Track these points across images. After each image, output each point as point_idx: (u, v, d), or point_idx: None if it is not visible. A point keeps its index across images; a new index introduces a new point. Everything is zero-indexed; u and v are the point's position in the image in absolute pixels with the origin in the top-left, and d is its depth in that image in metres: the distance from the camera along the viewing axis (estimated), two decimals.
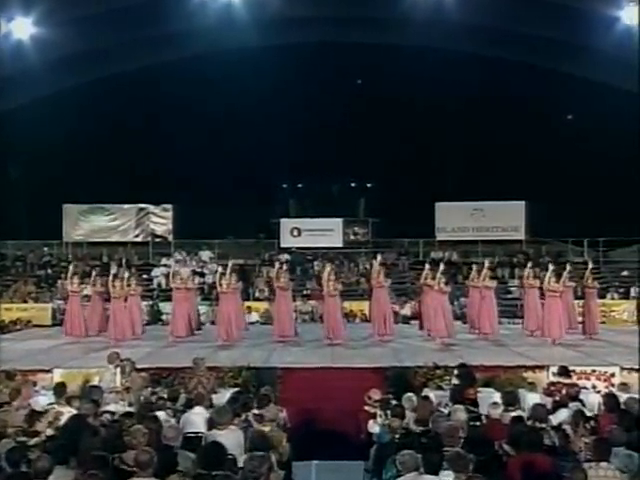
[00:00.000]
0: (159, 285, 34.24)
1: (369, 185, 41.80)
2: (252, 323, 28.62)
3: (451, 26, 32.77)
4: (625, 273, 34.66)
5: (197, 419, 11.34)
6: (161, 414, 11.31)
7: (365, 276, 34.53)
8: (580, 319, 21.95)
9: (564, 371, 13.83)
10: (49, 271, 35.51)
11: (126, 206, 37.18)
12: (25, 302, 32.09)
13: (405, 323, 26.56)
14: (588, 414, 11.29)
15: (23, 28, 30.65)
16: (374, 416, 11.34)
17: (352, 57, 37.78)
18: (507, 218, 36.20)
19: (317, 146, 36.64)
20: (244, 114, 36.02)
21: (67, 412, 11.64)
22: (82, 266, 35.30)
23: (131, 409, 13.39)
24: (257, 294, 32.83)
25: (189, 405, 12.88)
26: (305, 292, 33.13)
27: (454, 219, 36.29)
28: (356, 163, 37.63)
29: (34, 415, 10.37)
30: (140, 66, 36.68)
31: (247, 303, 31.11)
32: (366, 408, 11.91)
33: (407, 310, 30.55)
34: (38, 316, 30.86)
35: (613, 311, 30.79)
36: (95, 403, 11.51)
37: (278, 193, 41.16)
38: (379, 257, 23.49)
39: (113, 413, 13.11)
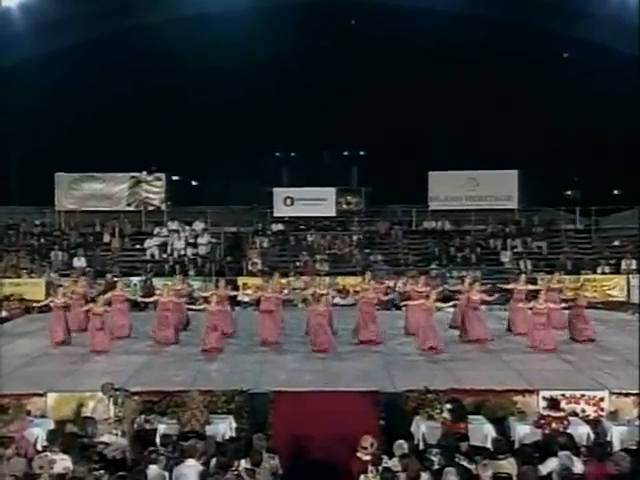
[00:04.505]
0: (152, 256, 34.19)
1: (362, 154, 41.64)
2: (245, 304, 28.60)
3: None
4: (616, 243, 34.68)
5: (190, 472, 11.46)
6: (153, 468, 11.42)
7: (358, 246, 34.72)
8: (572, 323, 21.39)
9: (554, 404, 13.94)
10: (42, 240, 35.38)
11: (119, 175, 36.93)
12: (19, 277, 31.96)
13: (397, 308, 26.39)
14: (575, 466, 11.44)
15: None
16: (365, 468, 11.42)
17: (343, 20, 37.54)
18: (500, 187, 36.06)
19: (310, 114, 36.36)
20: (237, 82, 35.66)
21: (60, 459, 11.80)
22: (75, 235, 35.41)
23: (124, 440, 13.65)
24: (250, 267, 32.72)
25: (183, 438, 13.12)
26: (298, 264, 33.15)
27: (447, 188, 36.14)
28: (349, 131, 37.42)
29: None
30: (129, 29, 36.30)
31: (241, 279, 31.23)
32: (358, 455, 12.00)
33: (400, 285, 30.40)
34: (31, 291, 30.85)
35: (604, 286, 30.90)
36: (87, 459, 11.54)
37: (271, 162, 40.95)
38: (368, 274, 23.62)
39: (107, 444, 13.34)
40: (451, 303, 22.08)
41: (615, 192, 42.54)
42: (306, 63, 36.61)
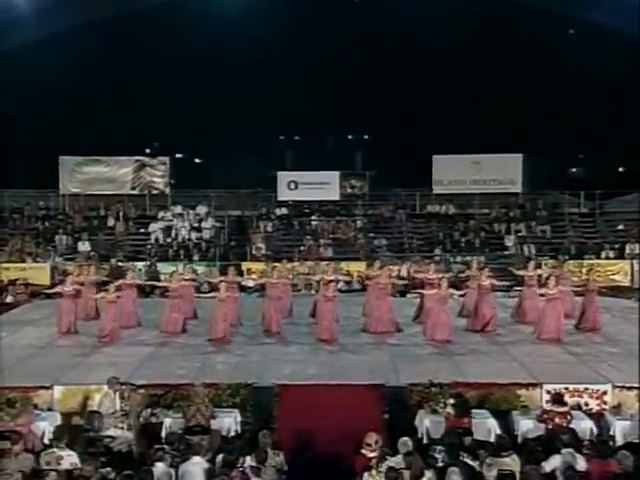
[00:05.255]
0: (156, 240, 34.22)
1: (366, 137, 41.62)
2: (249, 289, 28.66)
3: None
4: (620, 227, 34.67)
5: (196, 469, 11.54)
6: (160, 465, 11.49)
7: (362, 231, 34.76)
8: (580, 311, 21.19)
9: (557, 399, 14.00)
10: (46, 224, 35.38)
11: (122, 158, 36.92)
12: (24, 261, 32.05)
13: (402, 295, 26.40)
14: (579, 463, 11.50)
15: None
16: (369, 466, 11.46)
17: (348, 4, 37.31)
18: (504, 171, 36.01)
19: (314, 98, 36.26)
20: (239, 65, 35.59)
21: (67, 455, 11.89)
22: (79, 219, 35.45)
23: (130, 434, 13.77)
24: (254, 252, 32.79)
25: (189, 432, 13.23)
26: (302, 249, 33.21)
27: (451, 172, 36.10)
28: (353, 115, 37.36)
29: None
30: (132, 11, 36.12)
31: (245, 264, 31.27)
32: (363, 452, 12.04)
33: (404, 271, 30.55)
34: (36, 276, 31.03)
35: (608, 271, 30.93)
36: (93, 456, 11.63)
37: (275, 145, 40.90)
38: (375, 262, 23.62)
39: (113, 438, 13.46)
40: (463, 292, 22.12)
41: (620, 169, 42.51)
42: (310, 45, 36.40)
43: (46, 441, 13.56)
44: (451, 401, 14.01)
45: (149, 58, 36.11)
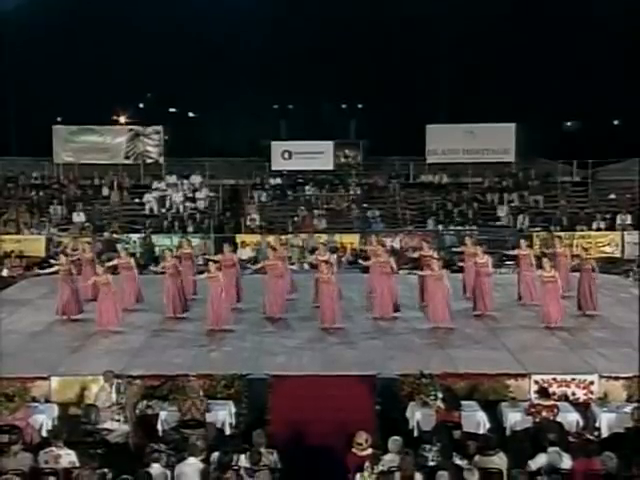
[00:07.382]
0: (151, 211, 34.26)
1: (360, 106, 41.54)
2: (243, 261, 28.72)
3: None
4: (612, 196, 34.77)
5: (190, 470, 11.80)
6: (156, 466, 11.75)
7: (356, 202, 34.86)
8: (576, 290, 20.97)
9: (544, 393, 14.28)
10: (40, 193, 35.34)
11: (116, 128, 36.96)
12: (18, 232, 32.09)
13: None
14: (564, 462, 11.79)
15: None
16: (361, 465, 11.68)
17: None
18: (498, 140, 36.03)
19: (308, 67, 36.24)
20: (235, 34, 35.52)
21: (65, 454, 12.15)
22: (74, 188, 35.45)
23: (126, 426, 14.05)
24: (248, 222, 32.86)
25: (184, 426, 13.52)
26: (295, 219, 33.33)
27: (445, 141, 36.07)
28: (347, 84, 37.35)
29: None
30: None
31: (239, 236, 31.38)
32: (353, 450, 12.26)
33: (397, 243, 30.78)
34: (32, 248, 31.13)
35: (599, 243, 31.12)
36: (91, 456, 11.89)
37: (269, 114, 40.82)
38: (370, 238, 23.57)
39: (110, 430, 13.76)
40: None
41: (615, 122, 42.57)
42: (305, 13, 36.32)
43: (44, 434, 13.82)
44: (441, 395, 14.27)
45: (148, 13, 36.03)
